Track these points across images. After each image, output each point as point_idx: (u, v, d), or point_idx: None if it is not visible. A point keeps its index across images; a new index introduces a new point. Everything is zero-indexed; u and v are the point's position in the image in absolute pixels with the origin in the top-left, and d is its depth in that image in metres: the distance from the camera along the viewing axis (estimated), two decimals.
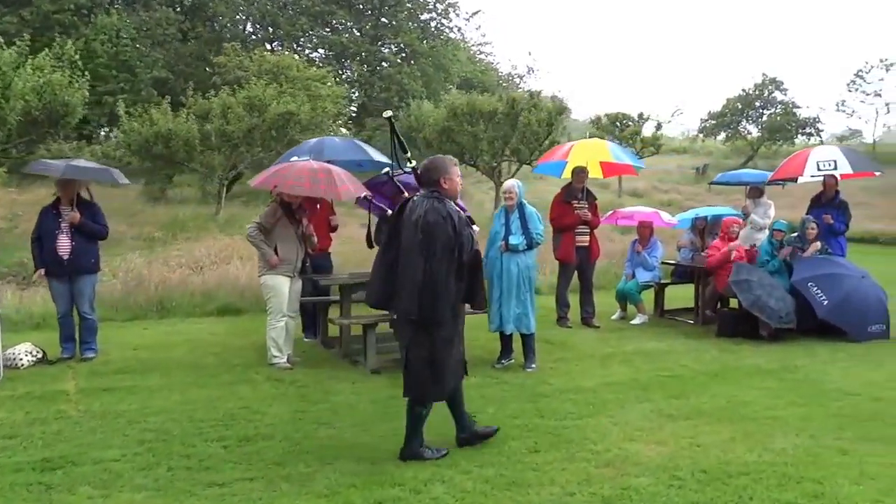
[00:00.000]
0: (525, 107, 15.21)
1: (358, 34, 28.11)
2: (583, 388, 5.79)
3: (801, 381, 6.06)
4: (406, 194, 4.92)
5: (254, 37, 27.80)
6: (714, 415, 5.10)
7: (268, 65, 19.10)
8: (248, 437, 4.63)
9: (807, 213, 8.86)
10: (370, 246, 5.82)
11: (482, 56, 41.82)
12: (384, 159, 7.62)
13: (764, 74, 32.00)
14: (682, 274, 9.23)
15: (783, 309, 7.55)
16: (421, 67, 28.15)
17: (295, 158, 6.94)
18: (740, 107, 31.76)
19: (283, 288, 6.29)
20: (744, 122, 32.21)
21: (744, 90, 31.98)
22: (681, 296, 9.28)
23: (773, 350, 7.17)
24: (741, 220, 8.42)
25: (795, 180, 8.70)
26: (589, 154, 8.21)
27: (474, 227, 4.37)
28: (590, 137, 14.19)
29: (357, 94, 30.14)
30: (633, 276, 8.79)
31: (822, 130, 31.60)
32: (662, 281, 9.04)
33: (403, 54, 30.30)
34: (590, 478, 3.99)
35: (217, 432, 4.73)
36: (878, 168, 8.51)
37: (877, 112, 37.64)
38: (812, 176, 8.18)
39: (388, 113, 4.97)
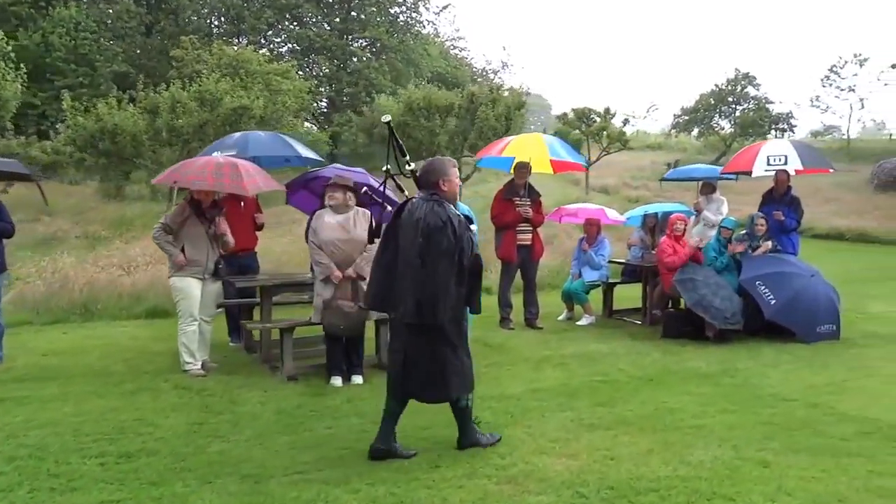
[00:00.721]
0: (484, 101, 14.84)
1: (326, 28, 27.62)
2: (507, 396, 5.47)
3: (738, 386, 5.78)
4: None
5: (218, 30, 27.21)
6: (637, 424, 4.80)
7: (227, 58, 18.63)
8: (130, 454, 4.27)
9: (759, 210, 8.63)
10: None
11: (456, 51, 41.50)
12: (312, 155, 7.27)
13: (736, 69, 31.99)
14: (631, 273, 8.96)
15: (729, 309, 7.29)
16: (390, 62, 27.72)
17: (217, 153, 6.58)
18: (713, 102, 31.65)
19: (192, 290, 5.92)
20: (717, 118, 32.11)
21: (716, 85, 31.92)
22: (631, 295, 9.01)
23: (717, 352, 6.90)
24: (687, 218, 8.14)
25: (750, 174, 8.44)
26: (527, 149, 7.89)
27: (472, 227, 4.28)
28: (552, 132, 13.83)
29: (325, 89, 29.67)
30: (580, 275, 8.50)
31: (795, 126, 31.68)
32: (611, 280, 8.76)
33: (373, 49, 29.91)
34: (486, 496, 3.67)
35: (99, 448, 4.36)
36: (831, 165, 8.25)
37: (851, 107, 37.90)
38: (764, 171, 7.93)
39: (387, 117, 4.85)
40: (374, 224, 5.72)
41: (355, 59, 27.92)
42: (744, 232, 8.29)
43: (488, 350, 7.07)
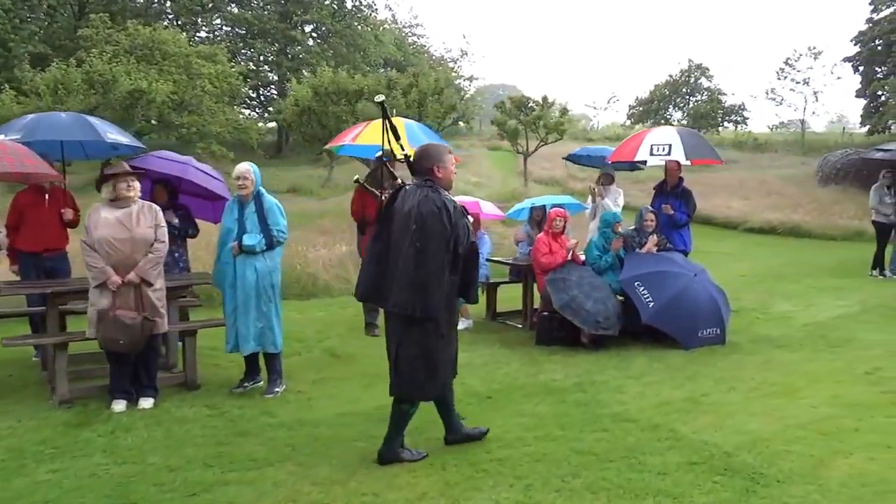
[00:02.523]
0: (402, 86, 13.96)
1: (266, 11, 26.51)
2: (310, 421, 4.75)
3: (581, 405, 5.11)
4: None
5: (153, 10, 26.00)
6: (432, 458, 4.10)
7: (141, 39, 17.58)
8: None
9: (652, 203, 8.00)
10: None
11: (414, 38, 40.58)
12: (132, 142, 6.48)
13: (690, 60, 31.41)
14: (518, 272, 8.28)
15: (602, 312, 6.64)
16: (334, 48, 26.77)
17: (1, 137, 5.73)
18: (668, 93, 31.14)
19: None
20: (671, 109, 31.61)
21: (670, 76, 31.38)
22: (517, 296, 8.33)
23: (583, 362, 6.26)
24: (567, 214, 7.45)
25: (633, 164, 7.79)
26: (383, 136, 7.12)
27: (468, 217, 4.08)
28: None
29: (271, 75, 28.62)
30: None
31: (748, 118, 31.31)
32: (492, 280, 8.07)
33: (316, 34, 28.97)
34: None
35: None
36: (718, 156, 7.59)
37: (805, 100, 37.60)
38: (643, 161, 7.27)
39: (381, 97, 4.61)
40: (159, 221, 5.03)
41: (297, 44, 26.91)
42: (632, 227, 7.66)
43: (332, 361, 6.37)
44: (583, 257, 7.34)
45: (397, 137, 4.62)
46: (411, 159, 4.03)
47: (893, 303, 8.98)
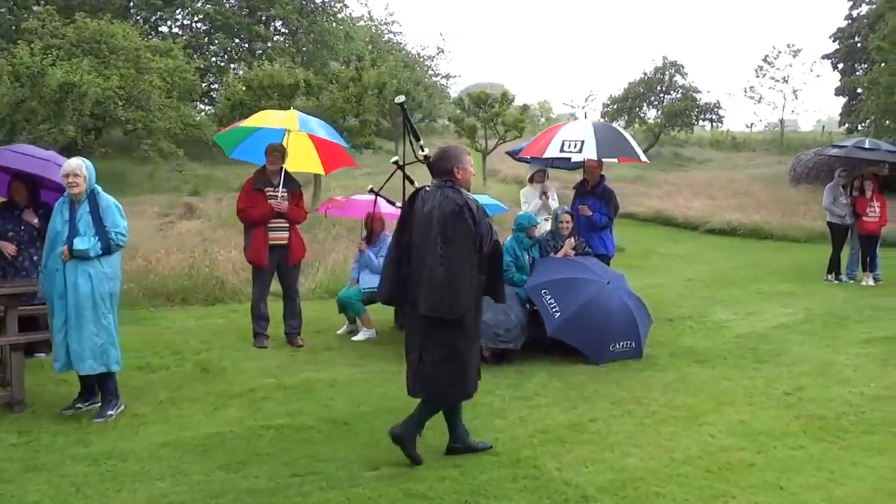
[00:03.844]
0: (343, 81, 13.25)
1: (229, 5, 25.77)
2: (113, 454, 4.11)
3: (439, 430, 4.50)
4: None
5: (112, 4, 25.19)
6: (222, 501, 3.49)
7: (89, 32, 16.86)
8: None
9: (572, 203, 7.40)
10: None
11: (390, 35, 39.94)
12: None
13: (664, 57, 30.86)
14: None
15: (503, 324, 6.04)
16: (298, 45, 26.11)
17: None
18: (642, 91, 30.58)
19: None
20: (645, 107, 31.07)
21: (644, 73, 30.83)
22: None
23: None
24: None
25: (543, 160, 7.17)
26: (281, 123, 6.48)
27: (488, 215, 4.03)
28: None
29: (242, 72, 27.83)
30: (359, 281, 7.17)
31: (723, 117, 30.82)
32: None
33: (287, 30, 28.32)
34: None
35: None
36: (638, 155, 6.94)
37: (784, 98, 37.21)
38: (553, 158, 6.66)
39: (401, 98, 4.60)
40: None
41: (262, 40, 26.17)
42: (548, 230, 7.06)
43: (197, 377, 5.73)
44: None
45: (417, 138, 4.50)
46: (431, 160, 4.00)
47: (841, 311, 8.42)
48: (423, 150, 4.22)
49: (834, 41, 32.76)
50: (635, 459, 4.12)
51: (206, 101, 24.65)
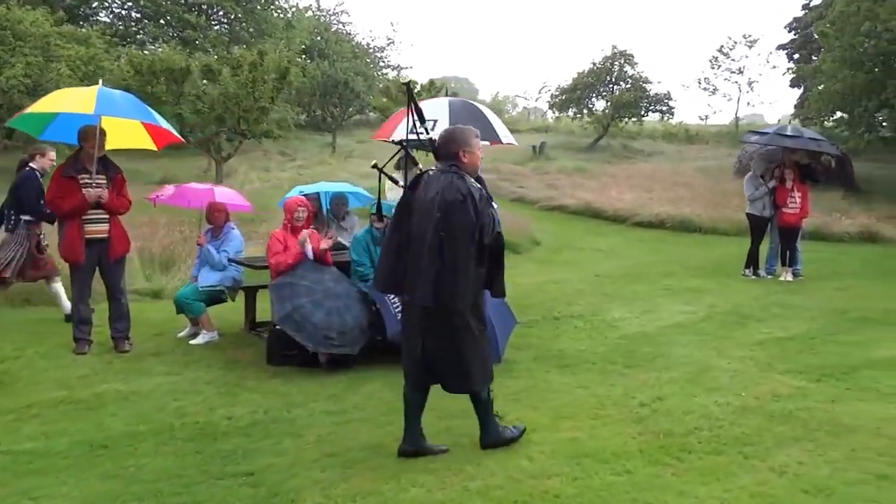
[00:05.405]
0: (247, 65, 12.38)
1: None
2: None
3: (209, 459, 3.79)
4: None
5: None
6: None
7: None
8: None
9: None
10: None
11: (339, 25, 38.98)
12: None
13: (614, 47, 30.33)
14: None
15: (336, 326, 5.33)
16: (234, 34, 25.14)
17: None
18: (592, 82, 30.03)
19: None
20: (594, 98, 30.51)
21: (594, 63, 30.23)
22: None
23: (293, 390, 4.95)
24: (311, 204, 6.11)
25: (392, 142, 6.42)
26: (75, 103, 5.67)
27: (494, 204, 3.86)
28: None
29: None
30: (198, 278, 6.41)
31: (673, 108, 30.39)
32: (247, 284, 6.67)
33: (226, 19, 27.33)
34: None
35: None
36: (499, 137, 6.21)
37: (740, 89, 36.94)
38: (402, 139, 5.93)
39: (407, 78, 3.94)
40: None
41: (194, 29, 25.08)
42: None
43: None
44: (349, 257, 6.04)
45: (423, 120, 4.31)
46: (436, 143, 3.85)
47: (746, 309, 7.85)
48: (427, 133, 4.05)
49: (790, 31, 32.52)
50: (420, 491, 3.44)
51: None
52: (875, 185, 19.49)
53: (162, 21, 26.74)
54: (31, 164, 6.92)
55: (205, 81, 12.28)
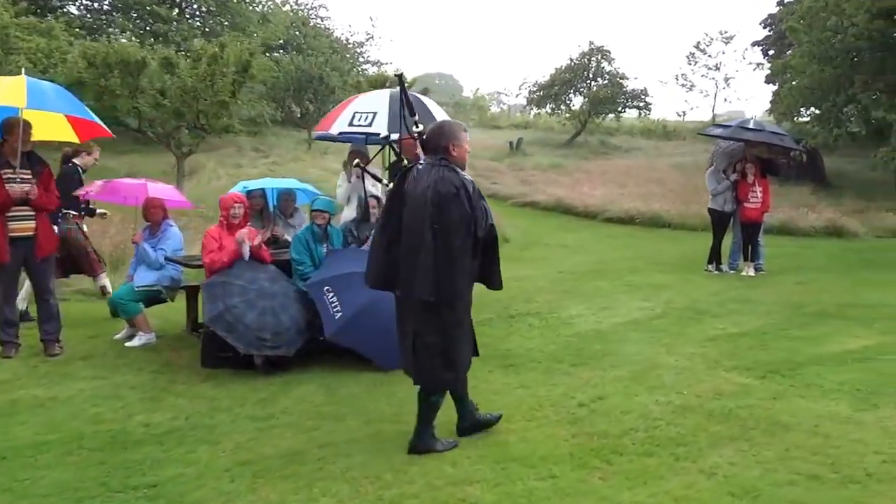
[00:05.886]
0: (208, 58, 12.08)
1: None
2: None
3: (109, 471, 3.60)
4: None
5: None
6: None
7: None
8: None
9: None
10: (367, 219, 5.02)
11: (317, 20, 38.55)
12: None
13: (591, 43, 30.24)
14: None
15: (270, 327, 5.14)
16: (208, 27, 24.76)
17: None
18: (569, 77, 29.92)
19: None
20: (572, 94, 30.40)
21: (570, 59, 30.12)
22: None
23: (221, 395, 4.77)
24: (246, 200, 5.90)
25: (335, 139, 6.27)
26: (6, 98, 5.43)
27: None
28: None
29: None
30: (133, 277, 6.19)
31: (650, 104, 30.35)
32: (189, 283, 6.46)
33: (200, 12, 26.88)
34: None
35: None
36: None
37: (717, 86, 37.04)
38: (342, 132, 5.77)
39: (399, 71, 4.42)
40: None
41: (164, 22, 24.68)
42: (353, 218, 6.20)
43: None
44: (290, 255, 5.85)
45: (413, 114, 4.26)
46: (424, 137, 3.84)
47: (704, 304, 7.75)
48: (416, 127, 4.03)
49: (765, 27, 32.57)
50: (330, 501, 3.30)
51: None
52: (845, 180, 19.54)
53: (133, 14, 26.31)
54: (74, 160, 7.35)
55: (165, 74, 11.97)
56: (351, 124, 5.61)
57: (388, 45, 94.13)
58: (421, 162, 3.82)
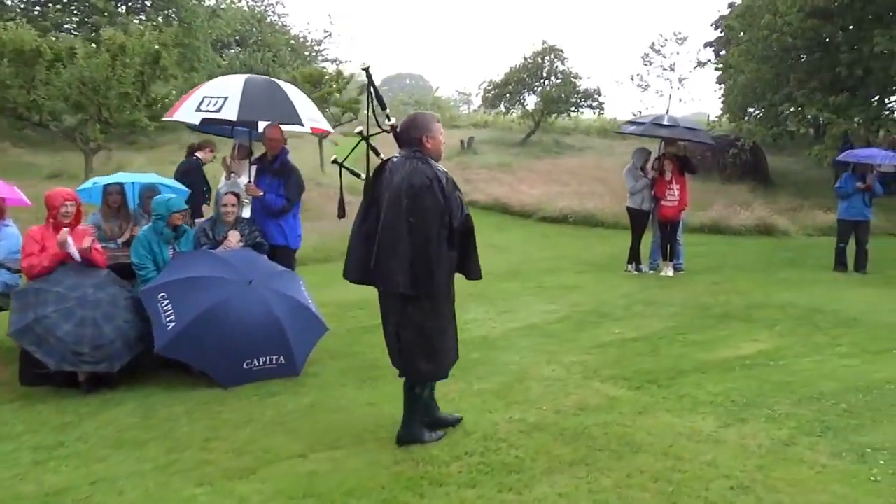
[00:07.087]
0: (114, 51, 11.33)
1: None
2: None
3: None
4: None
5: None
6: None
7: None
8: None
9: (256, 182, 5.99)
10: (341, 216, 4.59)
11: (273, 17, 37.83)
12: None
13: (544, 42, 29.89)
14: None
15: (89, 340, 4.59)
16: (152, 19, 23.91)
17: None
18: (525, 77, 29.58)
19: None
20: (526, 93, 30.06)
21: (525, 58, 29.75)
22: None
23: (31, 417, 4.21)
24: (76, 197, 5.32)
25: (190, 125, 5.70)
26: None
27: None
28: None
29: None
30: None
31: (603, 103, 30.13)
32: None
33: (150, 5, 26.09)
34: None
35: None
36: (299, 119, 5.44)
37: (671, 86, 37.04)
38: (188, 118, 5.21)
39: (366, 64, 4.18)
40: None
41: (103, 15, 23.75)
42: (209, 217, 5.67)
43: None
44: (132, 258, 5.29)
45: (383, 107, 4.22)
46: (398, 129, 3.80)
47: (609, 307, 7.35)
48: (388, 120, 3.96)
49: (716, 28, 32.57)
50: None
51: None
52: (788, 179, 19.43)
53: (73, 7, 25.38)
54: (196, 154, 7.82)
55: (60, 65, 11.20)
56: (199, 109, 5.06)
57: (349, 43, 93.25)
58: (396, 155, 3.77)
